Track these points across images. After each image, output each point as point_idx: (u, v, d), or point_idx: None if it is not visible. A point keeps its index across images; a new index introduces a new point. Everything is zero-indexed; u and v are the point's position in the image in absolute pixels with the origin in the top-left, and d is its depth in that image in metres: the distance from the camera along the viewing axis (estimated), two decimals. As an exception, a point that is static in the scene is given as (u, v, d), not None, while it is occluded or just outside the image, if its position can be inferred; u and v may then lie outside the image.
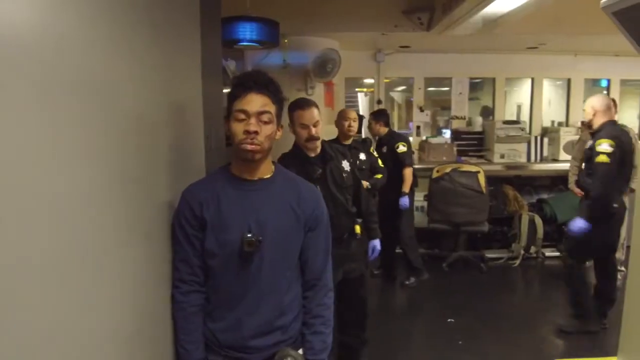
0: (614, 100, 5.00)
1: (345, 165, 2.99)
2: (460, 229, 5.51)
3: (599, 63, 6.97)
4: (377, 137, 5.17)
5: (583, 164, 4.49)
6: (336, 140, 4.15)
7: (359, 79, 7.58)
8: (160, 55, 1.65)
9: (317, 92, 5.41)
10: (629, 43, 2.65)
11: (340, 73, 5.42)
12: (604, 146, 3.67)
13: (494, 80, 6.97)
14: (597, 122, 3.85)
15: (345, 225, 2.90)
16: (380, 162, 4.52)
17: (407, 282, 5.16)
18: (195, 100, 2.09)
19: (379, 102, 6.71)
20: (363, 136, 6.31)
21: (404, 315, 4.53)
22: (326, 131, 4.44)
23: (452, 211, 5.34)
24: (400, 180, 4.89)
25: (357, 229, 3.06)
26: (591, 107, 3.87)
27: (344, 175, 2.92)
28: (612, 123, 3.88)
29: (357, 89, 8.14)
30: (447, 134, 6.81)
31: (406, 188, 4.91)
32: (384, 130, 5.06)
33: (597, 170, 3.75)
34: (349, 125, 4.12)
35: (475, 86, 7.44)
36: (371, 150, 4.45)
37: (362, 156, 4.26)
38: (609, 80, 7.26)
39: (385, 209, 4.99)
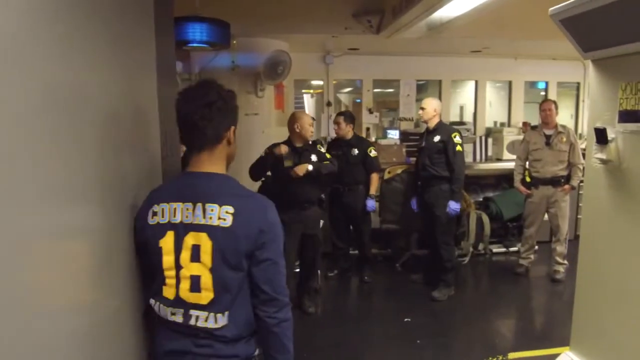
0: (555, 102, 5.27)
1: None
2: (412, 229, 5.59)
3: (538, 66, 7.27)
4: (334, 139, 5.28)
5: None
6: (287, 142, 4.15)
7: (307, 80, 7.57)
8: (112, 54, 1.55)
9: (267, 95, 5.36)
10: (572, 47, 2.78)
11: (289, 75, 5.38)
12: None
13: (440, 82, 7.12)
14: None
15: None
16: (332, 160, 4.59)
17: (366, 278, 5.30)
18: (150, 104, 1.99)
19: (329, 103, 6.72)
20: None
21: (363, 318, 4.53)
22: (277, 133, 4.44)
23: (404, 212, 5.41)
24: (367, 183, 5.11)
25: None
26: None
27: None
28: None
29: (303, 91, 8.12)
30: (393, 135, 6.89)
31: (373, 190, 5.10)
32: (351, 133, 5.11)
33: None
34: (302, 129, 4.12)
35: (421, 88, 7.59)
36: (319, 148, 4.46)
37: (314, 157, 4.25)
38: (546, 83, 7.58)
39: (349, 211, 5.14)
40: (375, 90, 7.22)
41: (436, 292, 4.76)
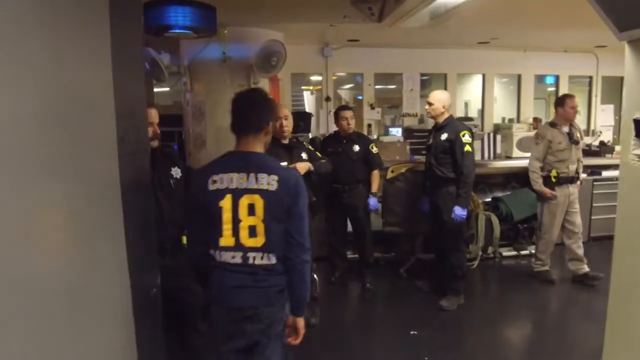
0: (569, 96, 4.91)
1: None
2: (417, 232, 5.23)
3: (548, 59, 6.89)
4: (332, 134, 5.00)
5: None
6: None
7: (305, 75, 7.19)
8: (45, 35, 1.21)
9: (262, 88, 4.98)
10: (584, 38, 2.44)
11: (285, 68, 5.00)
12: None
13: (445, 76, 6.75)
14: None
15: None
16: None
17: (368, 285, 4.91)
18: (101, 95, 1.64)
19: (328, 98, 6.35)
20: (311, 135, 5.98)
21: (365, 329, 4.17)
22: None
23: (408, 213, 5.04)
24: (368, 181, 4.77)
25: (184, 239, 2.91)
26: None
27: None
28: None
29: (302, 87, 7.76)
30: (395, 132, 6.51)
31: (375, 188, 4.77)
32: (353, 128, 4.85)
33: None
34: (280, 125, 3.76)
35: (424, 83, 7.21)
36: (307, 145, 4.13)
37: (304, 155, 3.89)
38: (556, 77, 7.21)
39: (350, 212, 4.84)
40: (377, 87, 6.83)
41: (444, 301, 4.40)
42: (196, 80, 4.95)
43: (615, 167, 5.79)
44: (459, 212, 4.23)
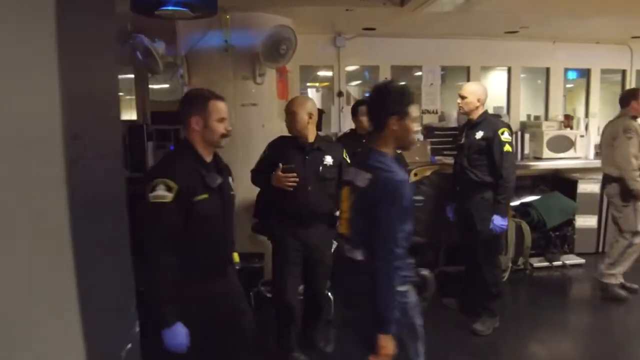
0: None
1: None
2: (443, 242, 4.67)
3: (579, 51, 6.32)
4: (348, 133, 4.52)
5: None
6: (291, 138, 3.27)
7: (313, 68, 6.60)
8: None
9: (268, 81, 4.42)
10: (617, 28, 1.89)
11: (294, 60, 4.44)
12: None
13: (467, 69, 6.17)
14: None
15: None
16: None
17: None
18: (40, 98, 1.10)
19: (340, 94, 5.78)
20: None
21: None
22: (281, 127, 3.52)
23: (433, 221, 4.49)
24: None
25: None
26: None
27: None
28: None
29: (308, 84, 7.13)
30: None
31: None
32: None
33: None
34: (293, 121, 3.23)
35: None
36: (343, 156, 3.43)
37: (328, 160, 3.30)
38: (587, 70, 6.62)
39: None
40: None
41: (479, 325, 3.84)
42: (195, 72, 4.39)
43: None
44: (499, 222, 3.68)
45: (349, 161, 3.33)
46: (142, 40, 4.00)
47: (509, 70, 6.31)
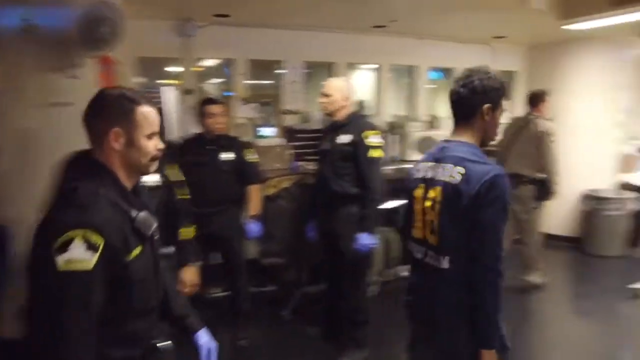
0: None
1: None
2: (305, 260, 4.14)
3: (443, 50, 6.19)
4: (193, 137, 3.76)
5: None
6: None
7: (160, 61, 5.72)
8: None
9: (89, 74, 3.53)
10: (481, 27, 1.50)
11: (128, 49, 3.60)
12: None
13: (330, 65, 5.72)
14: None
15: None
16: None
17: (242, 341, 3.70)
18: None
19: (188, 92, 4.99)
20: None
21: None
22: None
23: (294, 240, 3.94)
24: (241, 198, 3.62)
25: None
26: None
27: None
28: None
29: (158, 81, 6.16)
30: (269, 132, 5.35)
31: (255, 210, 3.61)
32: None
33: None
34: None
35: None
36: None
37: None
38: (450, 70, 6.54)
39: (218, 243, 3.65)
40: (249, 82, 5.56)
41: (345, 358, 3.36)
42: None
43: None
44: (366, 240, 3.21)
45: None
46: None
47: (378, 68, 5.99)
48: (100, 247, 1.32)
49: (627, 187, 6.11)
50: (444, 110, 6.56)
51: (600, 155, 6.07)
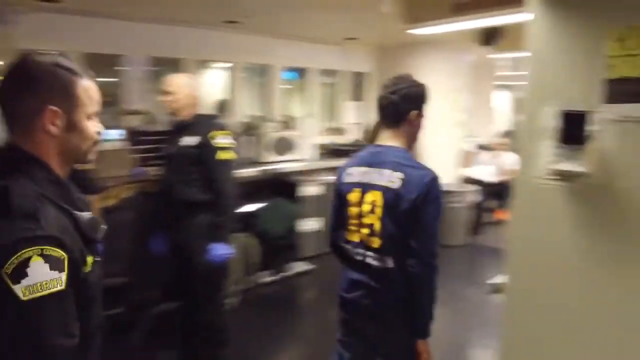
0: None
1: None
2: (156, 277, 3.72)
3: (297, 50, 6.13)
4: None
5: None
6: None
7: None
8: None
9: None
10: (334, 29, 1.43)
11: None
12: None
13: (177, 62, 5.32)
14: None
15: None
16: None
17: None
18: None
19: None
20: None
21: None
22: None
23: (139, 256, 3.51)
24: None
25: None
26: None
27: None
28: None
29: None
30: (115, 136, 4.79)
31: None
32: None
33: None
34: None
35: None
36: None
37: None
38: (304, 70, 6.51)
39: None
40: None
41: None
42: None
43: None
44: (220, 250, 2.94)
45: None
46: None
47: (233, 67, 5.73)
48: (66, 262, 1.06)
49: (467, 180, 6.61)
50: (299, 110, 6.54)
51: (444, 152, 6.45)
